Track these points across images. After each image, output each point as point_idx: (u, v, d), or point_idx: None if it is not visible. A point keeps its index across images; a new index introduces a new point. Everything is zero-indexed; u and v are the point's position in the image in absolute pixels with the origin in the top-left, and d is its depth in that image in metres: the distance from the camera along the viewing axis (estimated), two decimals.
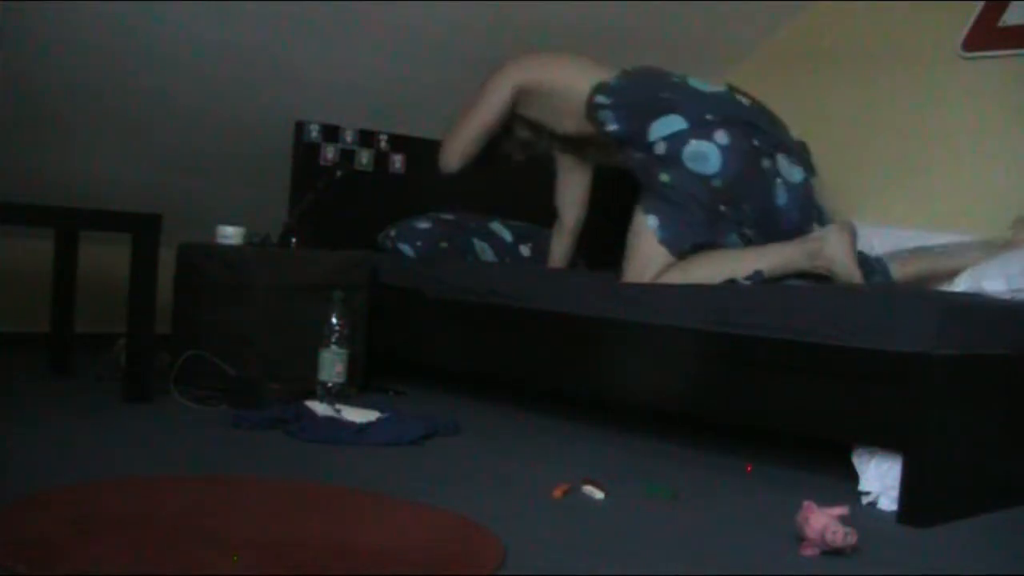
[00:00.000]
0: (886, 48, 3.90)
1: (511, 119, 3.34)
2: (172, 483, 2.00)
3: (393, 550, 1.67)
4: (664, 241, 2.90)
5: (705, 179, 2.88)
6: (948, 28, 3.71)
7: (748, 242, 2.95)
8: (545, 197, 4.11)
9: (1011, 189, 3.49)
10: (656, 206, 2.93)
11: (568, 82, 3.17)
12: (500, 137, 3.41)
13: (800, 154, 3.07)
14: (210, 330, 3.04)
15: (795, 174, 2.99)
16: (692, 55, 3.28)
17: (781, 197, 2.95)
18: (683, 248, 2.89)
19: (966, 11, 3.68)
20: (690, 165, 2.88)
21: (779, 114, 3.13)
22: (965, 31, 3.66)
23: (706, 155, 2.87)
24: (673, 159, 2.91)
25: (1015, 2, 3.56)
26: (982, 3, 3.64)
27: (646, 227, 2.93)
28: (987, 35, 3.62)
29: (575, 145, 3.35)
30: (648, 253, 2.91)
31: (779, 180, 2.95)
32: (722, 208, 2.89)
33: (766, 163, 2.93)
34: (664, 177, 2.92)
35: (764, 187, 2.93)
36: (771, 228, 2.95)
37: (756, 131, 2.95)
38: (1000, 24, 3.59)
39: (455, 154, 3.32)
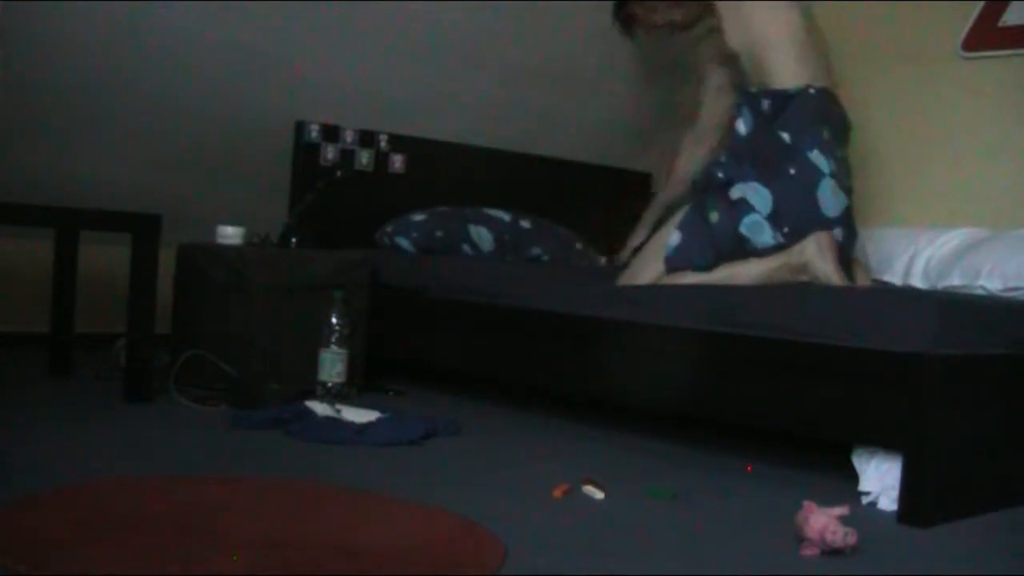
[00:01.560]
0: (886, 48, 3.90)
1: None
2: (172, 483, 2.00)
3: (393, 550, 1.67)
4: (667, 260, 2.93)
5: (746, 245, 2.88)
6: (948, 28, 3.71)
7: None
8: (543, 198, 4.11)
9: (1011, 189, 3.49)
10: (687, 228, 2.94)
11: (775, 68, 3.08)
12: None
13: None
14: (210, 330, 3.04)
15: None
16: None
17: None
18: (675, 268, 2.92)
19: (966, 11, 3.68)
20: (744, 229, 2.88)
21: None
22: (965, 31, 3.66)
23: (763, 233, 2.86)
24: (735, 212, 2.89)
25: (1015, 2, 3.56)
26: (982, 3, 3.64)
27: (666, 240, 2.96)
28: (987, 35, 3.62)
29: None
30: (649, 263, 2.94)
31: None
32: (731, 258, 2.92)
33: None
34: (713, 216, 2.91)
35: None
36: None
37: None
38: (1000, 24, 3.59)
39: None
